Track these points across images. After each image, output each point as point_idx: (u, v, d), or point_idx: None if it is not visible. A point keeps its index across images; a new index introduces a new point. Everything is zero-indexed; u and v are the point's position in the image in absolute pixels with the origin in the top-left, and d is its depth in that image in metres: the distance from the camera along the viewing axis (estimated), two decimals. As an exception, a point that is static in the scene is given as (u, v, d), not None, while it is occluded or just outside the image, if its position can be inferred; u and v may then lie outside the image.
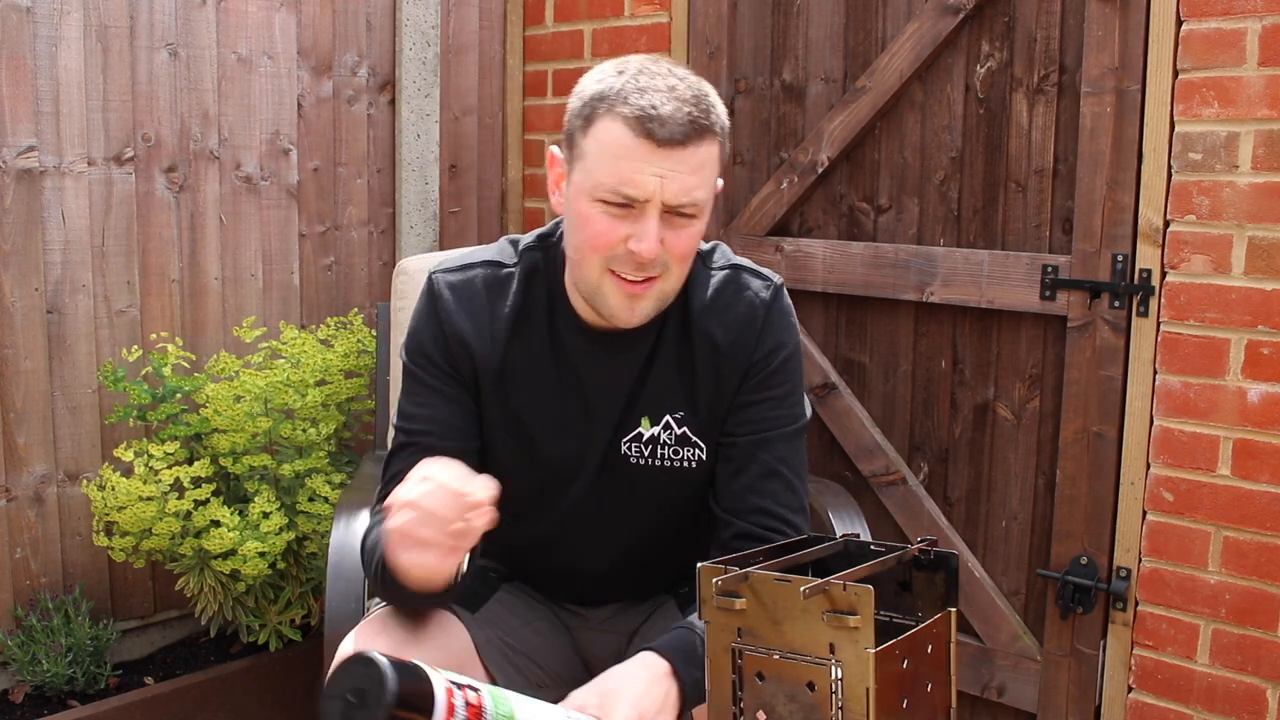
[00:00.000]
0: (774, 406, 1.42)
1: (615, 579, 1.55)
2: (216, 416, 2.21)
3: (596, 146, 1.26)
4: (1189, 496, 1.93)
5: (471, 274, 1.43)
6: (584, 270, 1.32)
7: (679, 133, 1.23)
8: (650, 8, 2.61)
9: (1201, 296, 1.89)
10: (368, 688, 0.94)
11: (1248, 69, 1.80)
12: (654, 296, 1.32)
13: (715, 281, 1.42)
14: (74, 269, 2.29)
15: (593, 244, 1.28)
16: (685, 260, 1.32)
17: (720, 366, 1.40)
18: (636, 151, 1.23)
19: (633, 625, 1.58)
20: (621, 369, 1.41)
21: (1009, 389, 2.19)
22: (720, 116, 1.29)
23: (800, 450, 1.45)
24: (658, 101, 1.23)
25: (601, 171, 1.25)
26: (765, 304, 1.42)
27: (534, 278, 1.42)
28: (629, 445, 1.42)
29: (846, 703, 1.01)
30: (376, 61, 2.75)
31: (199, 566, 2.24)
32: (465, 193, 2.92)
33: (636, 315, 1.33)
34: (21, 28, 2.18)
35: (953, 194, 2.23)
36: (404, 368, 1.45)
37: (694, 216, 1.28)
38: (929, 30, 2.19)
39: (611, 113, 1.25)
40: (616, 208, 1.26)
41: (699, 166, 1.26)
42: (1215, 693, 1.92)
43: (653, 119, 1.22)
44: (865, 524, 2.01)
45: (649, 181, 1.24)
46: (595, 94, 1.28)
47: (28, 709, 2.18)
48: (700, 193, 1.27)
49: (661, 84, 1.25)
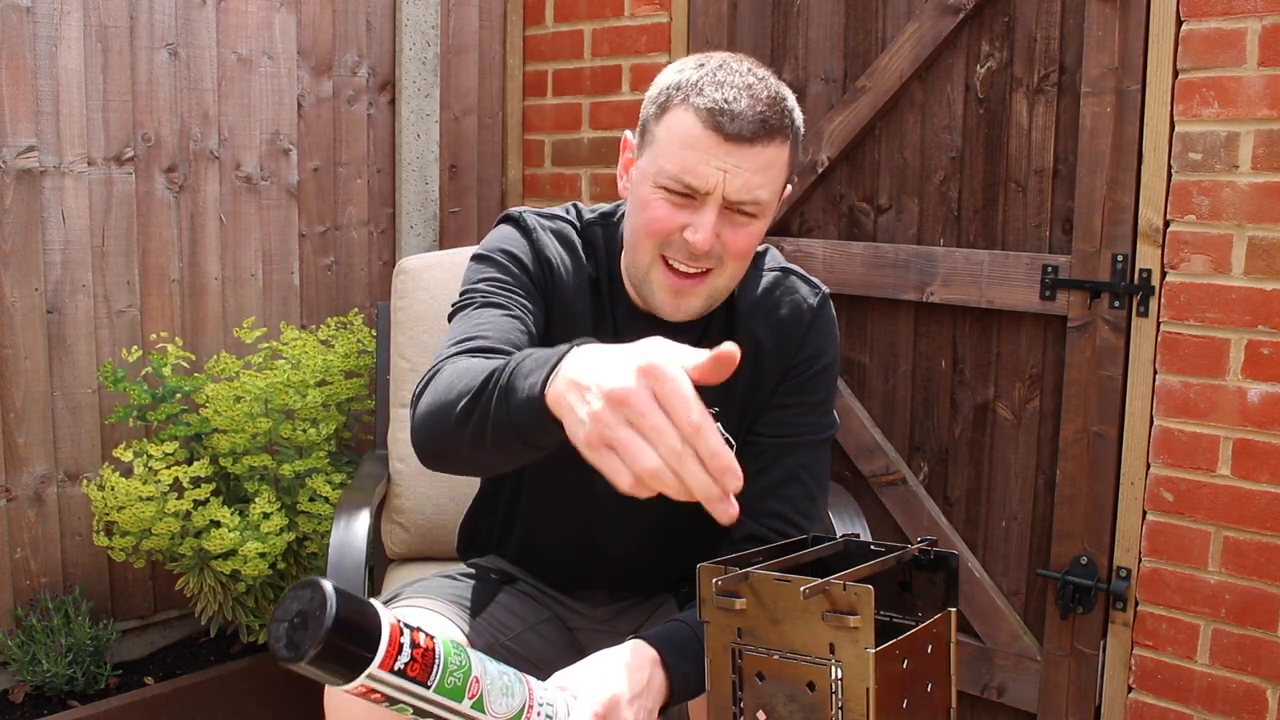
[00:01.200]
0: (806, 412, 1.43)
1: (630, 571, 1.55)
2: (216, 417, 2.21)
3: (667, 134, 1.27)
4: (1189, 496, 1.93)
5: (559, 225, 1.44)
6: (637, 254, 1.33)
7: (748, 129, 1.23)
8: (650, 8, 2.61)
9: (1201, 296, 1.89)
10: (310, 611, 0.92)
11: (1248, 69, 1.80)
12: (703, 294, 1.33)
13: (765, 282, 1.44)
14: (74, 269, 2.29)
15: (649, 229, 1.29)
16: (741, 258, 1.32)
17: (760, 366, 1.41)
18: (704, 143, 1.24)
19: (633, 625, 1.58)
20: None
21: (1009, 389, 2.19)
22: (795, 121, 1.30)
23: (824, 459, 1.46)
24: (731, 96, 1.24)
25: (667, 159, 1.27)
26: (812, 310, 1.44)
27: (596, 252, 1.43)
28: None
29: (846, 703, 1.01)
30: (376, 61, 2.75)
31: (199, 566, 2.24)
32: (465, 193, 2.92)
33: (681, 311, 1.33)
34: (21, 28, 2.18)
35: (953, 194, 2.23)
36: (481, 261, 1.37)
37: (754, 216, 1.29)
38: (929, 30, 2.19)
39: (686, 103, 1.26)
40: (678, 196, 1.27)
41: (765, 166, 1.26)
42: (1215, 693, 1.92)
43: (724, 113, 1.23)
44: (865, 524, 2.01)
45: (712, 174, 1.24)
46: (673, 83, 1.29)
47: (28, 709, 2.18)
48: (763, 192, 1.27)
49: (739, 81, 1.26)
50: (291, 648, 0.91)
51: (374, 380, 2.43)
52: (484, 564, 1.61)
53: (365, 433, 2.58)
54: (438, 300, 2.07)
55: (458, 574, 1.54)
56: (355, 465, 2.43)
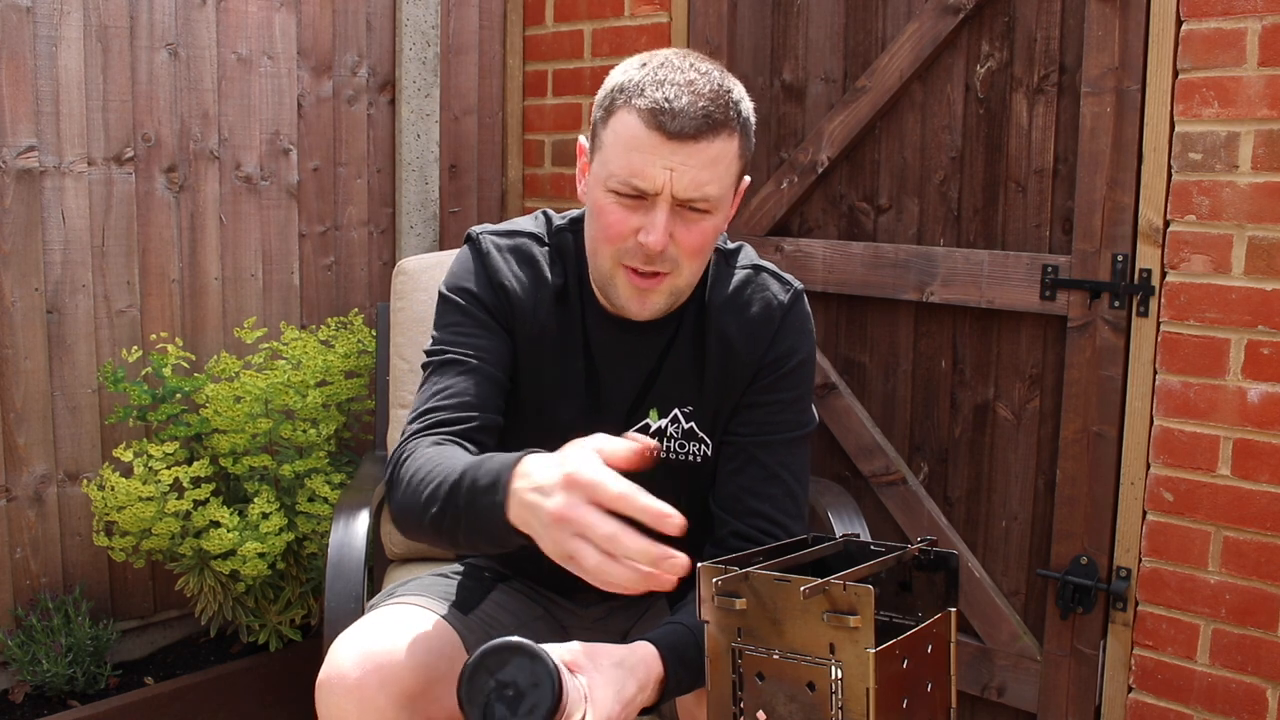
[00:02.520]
0: (781, 410, 1.42)
1: None
2: (216, 417, 2.21)
3: (613, 137, 1.27)
4: (1189, 496, 1.93)
5: (517, 241, 1.44)
6: (598, 260, 1.34)
7: (690, 126, 1.23)
8: (650, 8, 2.61)
9: (1201, 296, 1.89)
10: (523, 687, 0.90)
11: (1248, 69, 1.80)
12: (665, 292, 1.33)
13: (736, 280, 1.44)
14: (74, 269, 2.29)
15: (605, 234, 1.30)
16: (696, 256, 1.32)
17: (731, 364, 1.41)
18: (647, 143, 1.24)
19: (626, 624, 1.58)
20: (638, 359, 1.42)
21: (1009, 389, 2.19)
22: (741, 112, 1.29)
23: (803, 456, 1.45)
24: (672, 94, 1.23)
25: (615, 162, 1.27)
26: (784, 307, 1.43)
27: (565, 258, 1.43)
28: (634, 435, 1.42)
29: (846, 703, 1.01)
30: (376, 61, 2.75)
31: (199, 566, 2.24)
32: (465, 193, 2.92)
33: (647, 309, 1.34)
34: (21, 28, 2.18)
35: (953, 194, 2.23)
36: (443, 302, 1.42)
37: (706, 212, 1.28)
38: (929, 30, 2.19)
39: (628, 104, 1.26)
40: (628, 199, 1.27)
41: (712, 161, 1.25)
42: (1215, 693, 1.92)
43: (665, 111, 1.23)
44: (865, 524, 2.01)
45: (658, 174, 1.24)
46: (616, 85, 1.29)
47: (28, 709, 2.18)
48: (712, 188, 1.27)
49: (680, 78, 1.25)
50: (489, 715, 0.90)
51: (374, 380, 2.43)
52: (477, 563, 1.61)
53: (365, 433, 2.58)
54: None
55: (451, 572, 1.55)
56: (355, 465, 2.43)
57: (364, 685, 1.24)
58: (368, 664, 1.25)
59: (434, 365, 1.39)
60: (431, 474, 1.21)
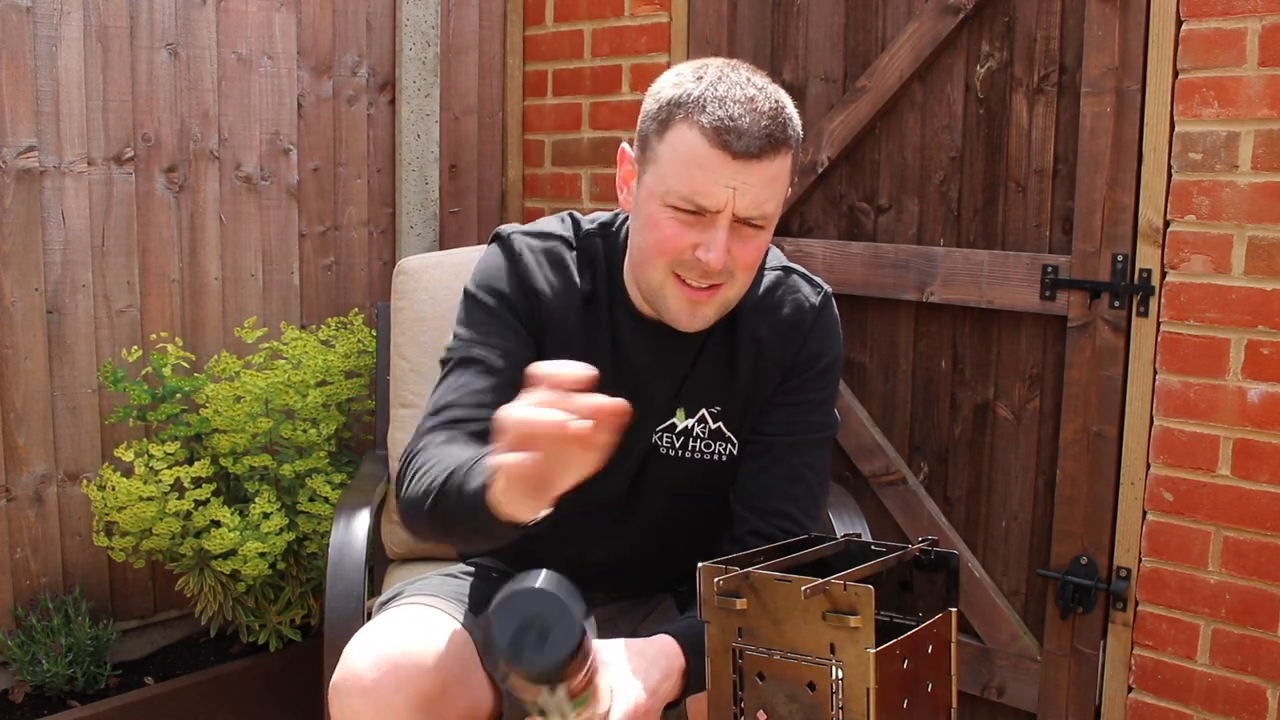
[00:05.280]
0: (809, 410, 1.43)
1: (631, 570, 1.55)
2: (217, 417, 2.21)
3: (671, 152, 1.26)
4: (1189, 496, 1.93)
5: (550, 244, 1.43)
6: (648, 271, 1.33)
7: (755, 146, 1.23)
8: (650, 8, 2.61)
9: (1201, 296, 1.89)
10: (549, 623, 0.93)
11: (1248, 69, 1.80)
12: (717, 304, 1.33)
13: (766, 281, 1.44)
14: (74, 269, 2.29)
15: (660, 248, 1.29)
16: (750, 269, 1.32)
17: (761, 364, 1.42)
18: (711, 162, 1.23)
19: (633, 625, 1.58)
20: (671, 361, 1.42)
21: (1009, 389, 2.19)
22: (796, 129, 1.30)
23: (825, 458, 1.46)
24: (736, 113, 1.23)
25: (675, 178, 1.26)
26: (815, 309, 1.44)
27: (596, 264, 1.43)
28: (660, 436, 1.43)
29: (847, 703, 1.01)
30: (376, 61, 2.75)
31: (199, 567, 2.24)
32: (465, 193, 2.92)
33: (698, 321, 1.33)
34: (21, 28, 2.18)
35: (953, 194, 2.23)
36: (470, 301, 1.41)
37: (762, 227, 1.29)
38: (929, 30, 2.19)
39: (689, 120, 1.25)
40: (687, 214, 1.26)
41: (772, 179, 1.26)
42: (1215, 693, 1.92)
43: (730, 130, 1.22)
44: (865, 524, 2.01)
45: (722, 193, 1.24)
46: (673, 99, 1.27)
47: (28, 709, 2.18)
48: (770, 205, 1.28)
49: (740, 94, 1.24)
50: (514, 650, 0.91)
51: (374, 380, 2.43)
52: (485, 563, 1.61)
53: (365, 433, 2.58)
54: (438, 300, 2.07)
55: (460, 572, 1.54)
56: (355, 465, 2.43)
57: (380, 687, 1.24)
58: (384, 666, 1.25)
59: (455, 362, 1.38)
60: (434, 468, 1.22)
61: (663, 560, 1.55)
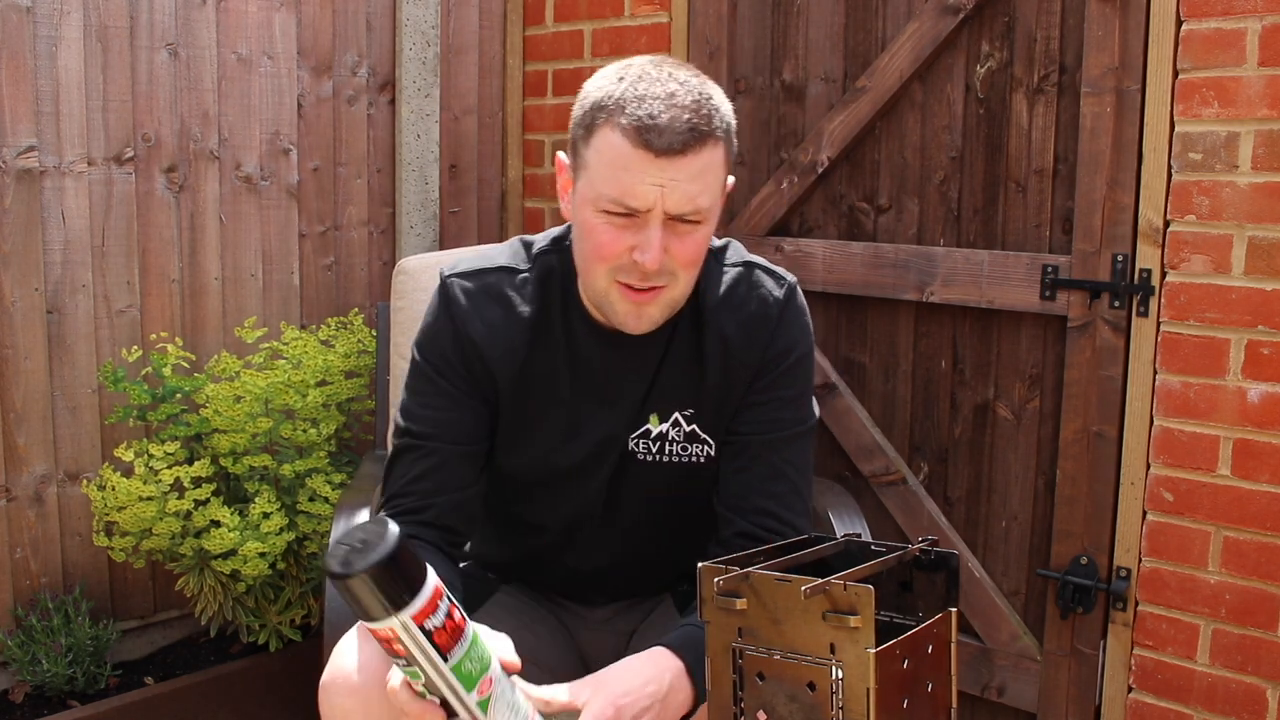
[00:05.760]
0: (784, 407, 1.42)
1: (618, 576, 1.55)
2: (217, 417, 2.21)
3: (597, 157, 1.26)
4: (1189, 496, 1.93)
5: (487, 280, 1.42)
6: (591, 279, 1.32)
7: (677, 141, 1.21)
8: (650, 8, 2.61)
9: (1201, 296, 1.89)
10: (371, 540, 0.97)
11: (1248, 69, 1.80)
12: (662, 304, 1.31)
13: (728, 279, 1.42)
14: (74, 269, 2.29)
15: (598, 254, 1.28)
16: (692, 266, 1.31)
17: (730, 364, 1.40)
18: (635, 162, 1.22)
19: (632, 625, 1.58)
20: (636, 368, 1.41)
21: (1009, 389, 2.19)
22: (724, 118, 1.28)
23: (807, 452, 1.45)
24: (655, 110, 1.22)
25: (603, 182, 1.25)
26: (779, 303, 1.42)
27: (549, 281, 1.41)
28: (637, 442, 1.42)
29: (847, 703, 1.01)
30: (376, 61, 2.75)
31: (199, 566, 2.24)
32: (465, 193, 2.92)
33: (644, 322, 1.32)
34: (21, 28, 2.18)
35: (953, 194, 2.23)
36: (414, 364, 1.43)
37: (698, 223, 1.27)
38: (929, 30, 2.19)
39: (610, 122, 1.24)
40: (619, 218, 1.25)
41: (700, 173, 1.24)
42: (1215, 693, 1.92)
43: (650, 129, 1.21)
44: (865, 524, 2.01)
45: (650, 192, 1.23)
46: (595, 102, 1.27)
47: (28, 709, 2.18)
48: (703, 199, 1.26)
49: (660, 90, 1.23)
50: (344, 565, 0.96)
51: (374, 380, 2.43)
52: (482, 564, 1.61)
53: (365, 433, 2.58)
54: (438, 300, 2.07)
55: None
56: (355, 465, 2.43)
57: (366, 687, 1.25)
58: (370, 668, 1.26)
59: (400, 448, 1.42)
60: None
61: (652, 566, 1.55)
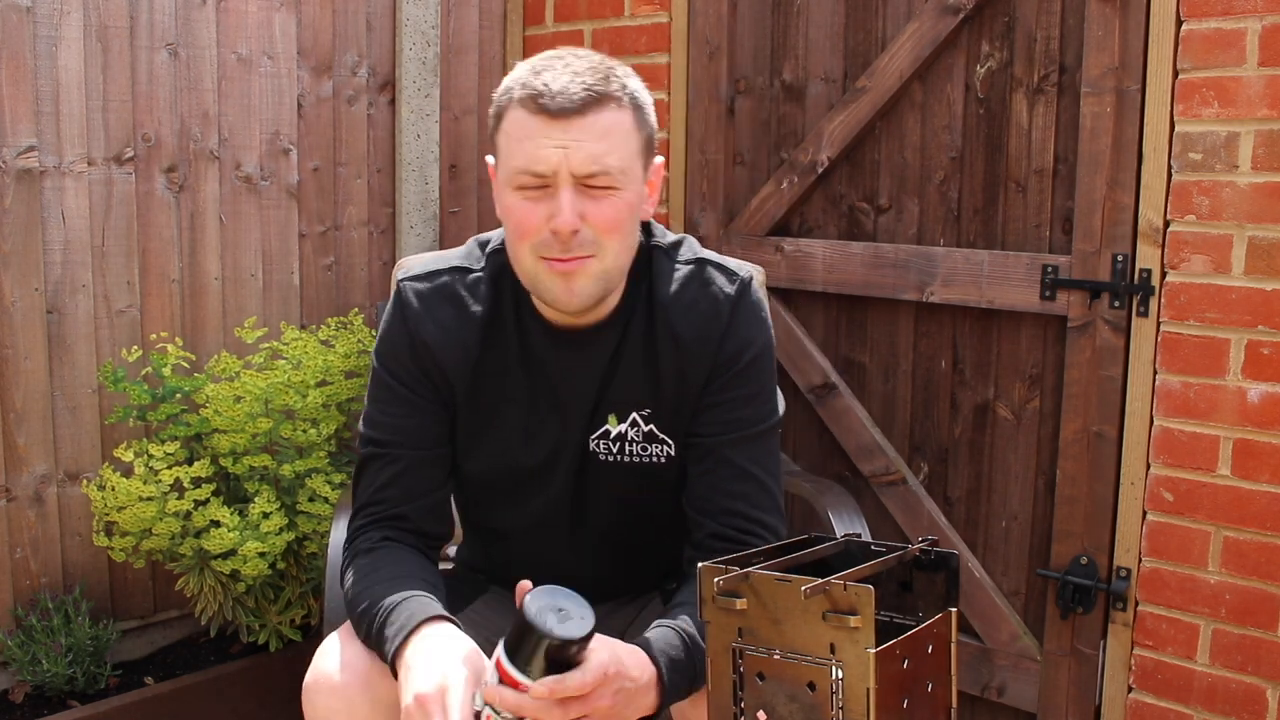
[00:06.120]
0: (742, 406, 1.39)
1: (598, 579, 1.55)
2: (217, 417, 2.21)
3: (506, 139, 1.29)
4: (1189, 496, 1.93)
5: (439, 281, 1.42)
6: (520, 263, 1.33)
7: (573, 102, 1.23)
8: (650, 8, 2.61)
9: (1201, 296, 1.89)
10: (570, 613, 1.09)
11: (1248, 69, 1.80)
12: (590, 276, 1.29)
13: (680, 276, 1.40)
14: (74, 269, 2.29)
15: (519, 232, 1.29)
16: (613, 233, 1.29)
17: (684, 363, 1.38)
18: (534, 128, 1.24)
19: (623, 625, 1.58)
20: (589, 367, 1.40)
21: (1009, 389, 2.19)
22: (629, 88, 1.29)
23: (773, 449, 1.43)
24: (549, 78, 1.25)
25: (511, 158, 1.28)
26: (731, 300, 1.39)
27: (502, 280, 1.41)
28: (598, 443, 1.42)
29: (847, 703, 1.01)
30: (376, 61, 2.75)
31: (199, 566, 2.24)
32: (465, 193, 2.92)
33: (577, 296, 1.30)
34: (21, 28, 2.18)
35: (953, 194, 2.23)
36: (373, 372, 1.46)
37: (612, 188, 1.27)
38: (929, 30, 2.19)
39: (511, 102, 1.27)
40: (532, 190, 1.27)
41: (604, 134, 1.25)
42: (1215, 693, 1.92)
43: (544, 94, 1.24)
44: (865, 524, 2.01)
45: (553, 154, 1.24)
46: (500, 93, 1.30)
47: (28, 709, 2.18)
48: (611, 159, 1.25)
49: (558, 64, 1.27)
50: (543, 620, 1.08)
51: (374, 380, 2.43)
52: (472, 563, 1.62)
53: (365, 433, 2.58)
54: (438, 300, 2.07)
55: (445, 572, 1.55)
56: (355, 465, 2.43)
57: (348, 688, 1.28)
58: (351, 668, 1.29)
59: (366, 457, 1.44)
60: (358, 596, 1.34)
61: (629, 568, 1.55)
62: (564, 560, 1.51)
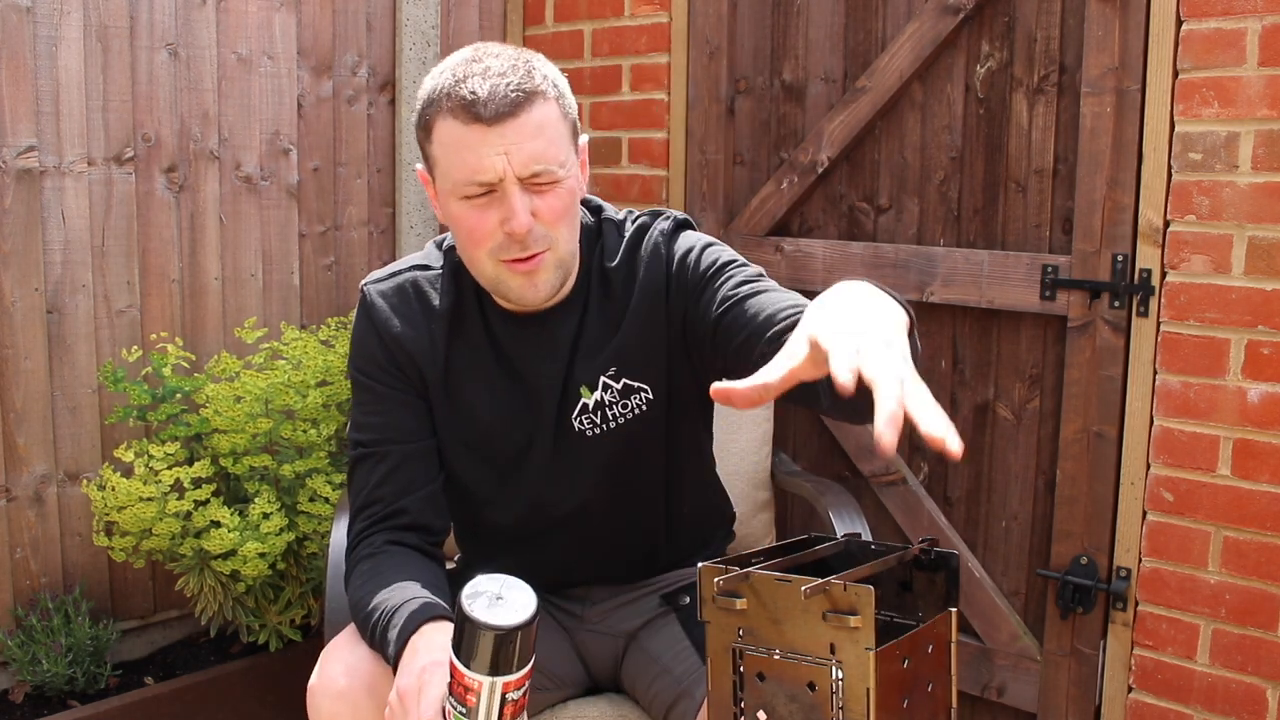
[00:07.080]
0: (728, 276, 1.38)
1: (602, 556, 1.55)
2: (217, 417, 2.21)
3: (441, 150, 1.29)
4: (1189, 496, 1.93)
5: (401, 279, 1.46)
6: (479, 268, 1.35)
7: (505, 105, 1.24)
8: (650, 8, 2.61)
9: (1201, 296, 1.89)
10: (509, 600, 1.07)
11: (1248, 69, 1.80)
12: (550, 267, 1.33)
13: (627, 242, 1.44)
14: (74, 269, 2.29)
15: (473, 240, 1.31)
16: (562, 221, 1.32)
17: (642, 305, 1.41)
18: (472, 139, 1.25)
19: (630, 628, 1.58)
20: (554, 348, 1.43)
21: (1009, 389, 2.19)
22: (547, 76, 1.30)
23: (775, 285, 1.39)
24: (475, 85, 1.25)
25: (453, 170, 1.28)
26: (667, 234, 1.43)
27: (461, 275, 1.44)
28: (579, 419, 1.43)
29: (847, 703, 1.01)
30: (376, 61, 2.75)
31: (199, 567, 2.24)
32: (465, 193, 2.92)
33: (541, 290, 1.34)
34: (21, 28, 2.18)
35: (953, 194, 2.23)
36: (352, 381, 1.48)
37: (555, 181, 1.29)
38: (929, 30, 2.19)
39: (440, 113, 1.28)
40: (479, 199, 1.28)
41: (538, 130, 1.27)
42: (1215, 693, 1.92)
43: (475, 103, 1.24)
44: (865, 524, 2.01)
45: (496, 162, 1.26)
46: (423, 101, 1.31)
47: (28, 709, 2.18)
48: (550, 153, 1.28)
49: (476, 69, 1.27)
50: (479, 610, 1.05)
51: (374, 380, 2.43)
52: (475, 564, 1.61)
53: (365, 433, 2.58)
54: (438, 300, 2.07)
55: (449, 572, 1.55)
56: (355, 465, 2.43)
57: (353, 691, 1.29)
58: (356, 671, 1.30)
59: (356, 459, 1.45)
60: (362, 600, 1.34)
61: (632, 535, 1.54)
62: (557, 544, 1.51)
